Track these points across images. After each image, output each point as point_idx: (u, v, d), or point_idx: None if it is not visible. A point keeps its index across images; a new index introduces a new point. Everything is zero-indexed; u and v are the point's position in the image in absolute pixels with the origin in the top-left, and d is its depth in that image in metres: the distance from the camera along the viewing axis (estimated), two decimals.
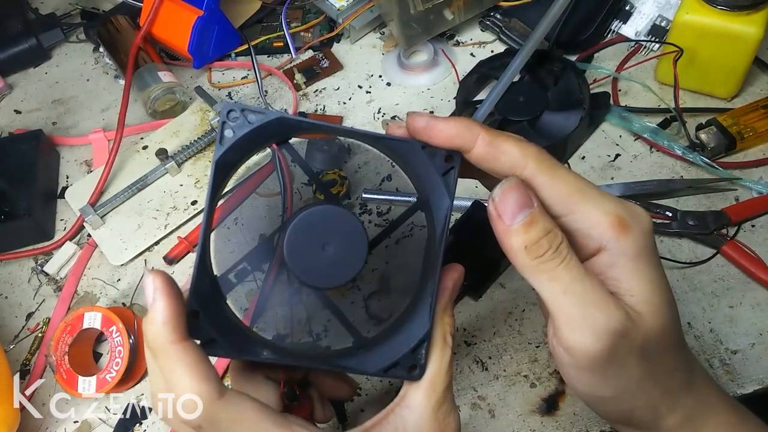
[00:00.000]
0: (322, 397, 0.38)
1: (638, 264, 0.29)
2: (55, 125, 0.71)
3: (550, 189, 0.29)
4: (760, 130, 0.55)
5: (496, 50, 0.68)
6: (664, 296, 0.29)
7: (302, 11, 0.74)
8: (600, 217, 0.29)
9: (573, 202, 0.29)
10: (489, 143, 0.30)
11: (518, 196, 0.29)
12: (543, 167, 0.29)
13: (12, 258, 0.60)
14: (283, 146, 0.32)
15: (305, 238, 0.31)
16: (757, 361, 0.45)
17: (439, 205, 0.33)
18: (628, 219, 0.29)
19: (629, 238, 0.29)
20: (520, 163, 0.30)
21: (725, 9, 0.53)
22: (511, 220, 0.29)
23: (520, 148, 0.30)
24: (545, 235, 0.28)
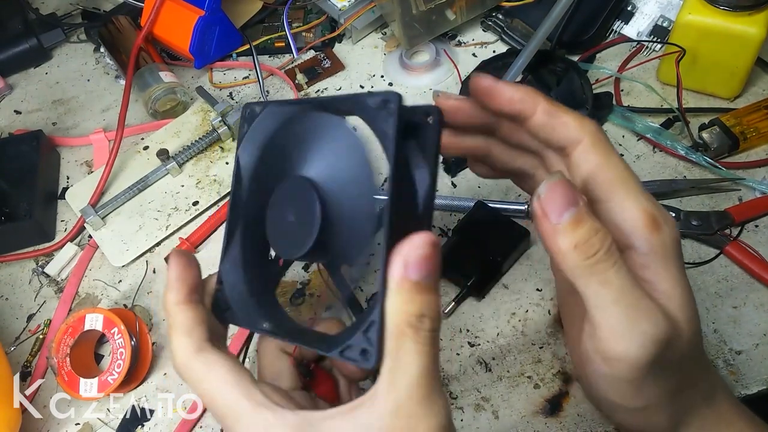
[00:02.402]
0: (350, 378, 0.36)
1: (670, 266, 0.28)
2: (56, 126, 0.71)
3: (598, 170, 0.29)
4: (763, 130, 0.55)
5: (498, 50, 0.68)
6: (693, 301, 0.29)
7: (304, 11, 0.74)
8: (635, 211, 0.28)
9: (614, 190, 0.28)
10: (549, 112, 0.29)
11: (565, 192, 0.27)
12: (598, 147, 0.29)
13: (12, 259, 0.60)
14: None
15: (284, 203, 0.33)
16: (761, 362, 0.45)
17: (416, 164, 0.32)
18: (661, 219, 0.28)
19: (660, 238, 0.28)
20: (576, 137, 0.29)
21: (727, 9, 0.53)
22: (558, 218, 0.27)
23: (580, 122, 0.29)
24: (596, 234, 0.26)
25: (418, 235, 0.27)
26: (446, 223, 0.56)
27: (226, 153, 0.63)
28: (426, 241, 0.27)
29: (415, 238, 0.27)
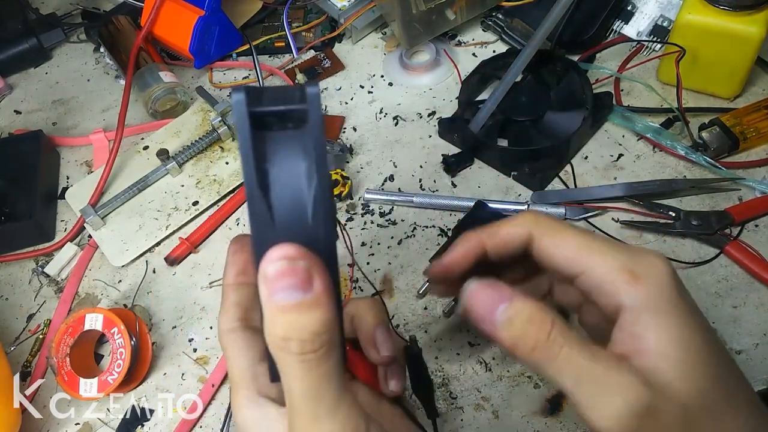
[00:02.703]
0: (379, 364, 0.34)
1: (661, 318, 0.26)
2: (56, 126, 0.71)
3: (556, 251, 0.29)
4: (763, 130, 0.55)
5: (498, 50, 0.68)
6: (699, 353, 0.26)
7: (304, 11, 0.74)
8: (608, 273, 0.27)
9: (581, 261, 0.28)
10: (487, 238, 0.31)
11: (484, 297, 0.27)
12: (543, 230, 0.29)
13: (12, 259, 0.60)
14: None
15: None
16: (761, 362, 0.45)
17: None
18: (639, 270, 0.27)
19: (642, 290, 0.26)
20: (521, 235, 0.30)
21: (727, 9, 0.53)
22: (491, 323, 0.27)
23: (516, 222, 0.30)
24: (530, 325, 0.26)
25: (271, 250, 0.23)
26: (446, 222, 0.56)
27: (226, 153, 0.63)
28: (278, 256, 0.23)
29: (269, 252, 0.23)
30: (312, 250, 0.24)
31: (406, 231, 0.56)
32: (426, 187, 0.59)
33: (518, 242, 0.30)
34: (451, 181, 0.59)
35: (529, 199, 0.56)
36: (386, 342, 0.32)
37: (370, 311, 0.33)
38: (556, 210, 0.54)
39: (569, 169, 0.57)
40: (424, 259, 0.54)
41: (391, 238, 0.56)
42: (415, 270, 0.54)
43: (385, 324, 0.33)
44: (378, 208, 0.58)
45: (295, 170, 0.24)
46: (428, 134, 0.62)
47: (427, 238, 0.55)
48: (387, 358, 0.32)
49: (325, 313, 0.23)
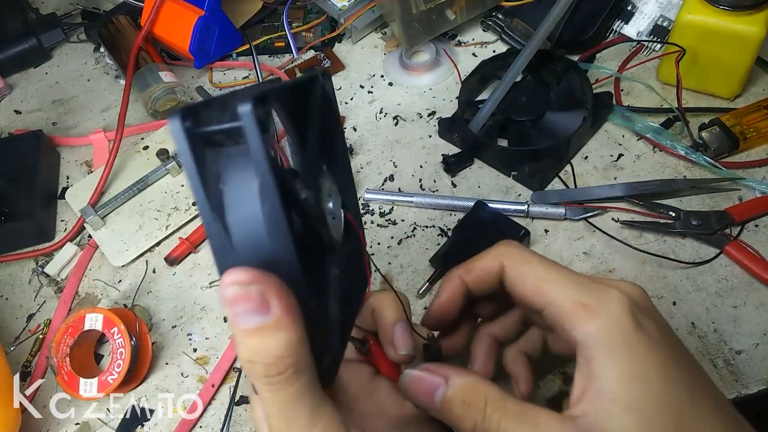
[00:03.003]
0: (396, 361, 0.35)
1: (614, 354, 0.25)
2: (56, 125, 0.71)
3: (521, 283, 0.29)
4: (763, 130, 0.55)
5: (498, 50, 0.68)
6: (654, 393, 0.25)
7: (304, 11, 0.74)
8: (564, 306, 0.27)
9: (543, 295, 0.28)
10: (465, 275, 0.31)
11: (420, 385, 0.28)
12: (511, 262, 0.30)
13: (12, 259, 0.60)
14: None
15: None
16: (761, 362, 0.45)
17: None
18: (593, 303, 0.26)
19: (597, 325, 0.26)
20: (493, 268, 0.30)
21: (727, 9, 0.53)
22: (433, 408, 0.28)
23: (488, 255, 0.31)
24: (466, 408, 0.26)
25: (225, 274, 0.23)
26: (446, 222, 0.56)
27: None
28: (230, 281, 0.22)
29: (223, 277, 0.23)
30: (274, 269, 0.23)
31: (406, 231, 0.56)
32: (426, 187, 0.59)
33: (493, 275, 0.30)
34: (451, 181, 0.59)
35: (529, 199, 0.56)
36: (404, 339, 0.32)
37: (390, 306, 0.32)
38: (556, 210, 0.54)
39: (569, 169, 0.57)
40: (424, 259, 0.54)
41: (391, 238, 0.56)
42: (415, 270, 0.54)
43: (404, 320, 0.32)
44: (378, 208, 0.58)
45: (248, 189, 0.23)
46: (428, 134, 0.62)
47: (427, 238, 0.55)
48: (404, 357, 0.32)
49: (288, 336, 0.23)
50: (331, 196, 0.29)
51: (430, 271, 0.53)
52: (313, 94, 0.29)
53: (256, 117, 0.21)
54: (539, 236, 0.54)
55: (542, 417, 0.25)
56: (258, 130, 0.21)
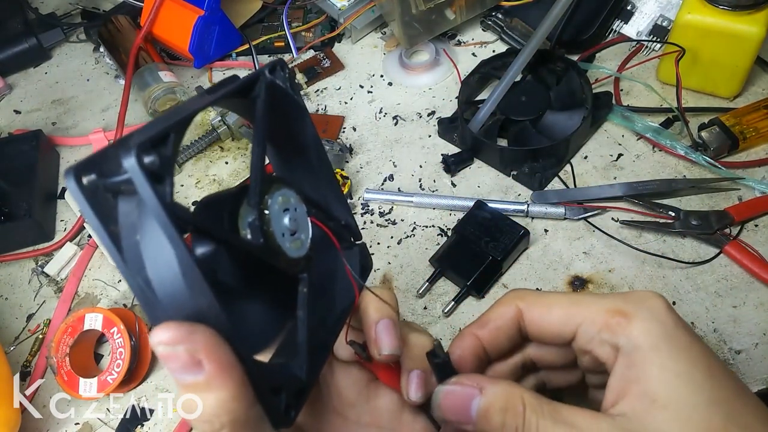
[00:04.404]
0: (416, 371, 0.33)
1: (658, 355, 0.25)
2: (55, 125, 0.71)
3: (547, 317, 0.29)
4: (762, 130, 0.55)
5: (497, 50, 0.67)
6: (702, 390, 0.24)
7: (303, 11, 0.74)
8: (598, 317, 0.26)
9: (573, 318, 0.28)
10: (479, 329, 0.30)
11: (454, 399, 0.27)
12: (529, 301, 0.29)
13: (12, 259, 0.60)
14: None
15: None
16: (761, 361, 0.45)
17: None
18: (629, 308, 0.26)
19: (635, 326, 0.25)
20: (510, 314, 0.30)
21: (727, 9, 0.53)
22: (470, 423, 0.27)
23: (501, 303, 0.30)
24: (506, 414, 0.26)
25: (152, 332, 0.22)
26: (446, 222, 0.56)
27: (225, 152, 0.63)
28: (156, 341, 0.21)
29: (150, 335, 0.22)
30: (203, 319, 0.22)
31: (405, 231, 0.56)
32: (426, 187, 0.59)
33: (509, 323, 0.30)
34: (451, 180, 0.59)
35: (528, 199, 0.56)
36: (387, 339, 0.30)
37: (372, 304, 0.31)
38: (555, 210, 0.54)
39: (569, 168, 0.57)
40: (424, 258, 0.54)
41: (391, 237, 0.56)
42: (415, 270, 0.54)
43: (387, 319, 0.30)
44: (378, 207, 0.58)
45: (160, 239, 0.21)
46: (428, 134, 0.62)
47: (427, 238, 0.55)
48: (387, 357, 0.30)
49: (220, 395, 0.21)
50: (287, 211, 0.26)
51: (430, 271, 0.53)
52: (260, 97, 0.27)
53: (145, 166, 0.20)
54: (539, 236, 0.54)
55: (579, 416, 0.25)
56: (147, 180, 0.20)
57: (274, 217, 0.25)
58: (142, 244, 0.21)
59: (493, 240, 0.51)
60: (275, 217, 0.25)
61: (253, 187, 0.24)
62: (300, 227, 0.27)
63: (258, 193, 0.24)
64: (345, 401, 0.32)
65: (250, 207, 0.24)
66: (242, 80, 0.26)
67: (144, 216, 0.21)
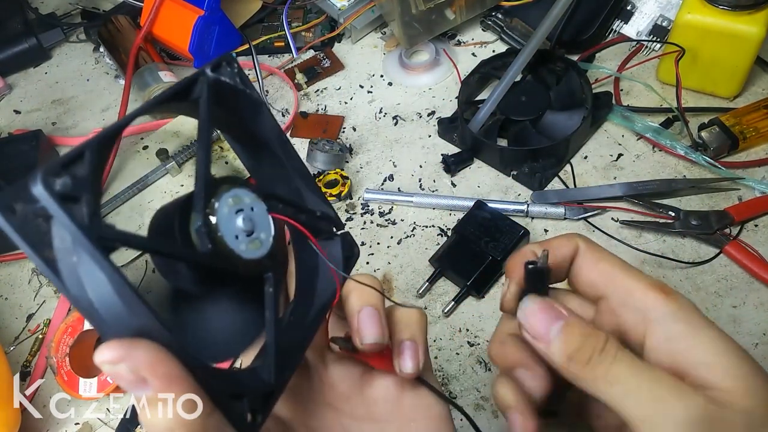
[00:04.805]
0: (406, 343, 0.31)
1: (698, 330, 0.26)
2: (55, 125, 0.71)
3: (596, 268, 0.30)
4: (762, 130, 0.55)
5: (497, 50, 0.67)
6: (750, 365, 0.25)
7: (303, 11, 0.74)
8: (642, 287, 0.28)
9: (617, 279, 0.29)
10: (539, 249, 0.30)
11: (542, 314, 0.28)
12: (588, 248, 0.30)
13: (12, 259, 0.60)
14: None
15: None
16: (761, 362, 0.44)
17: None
18: (669, 288, 0.27)
19: (675, 302, 0.27)
20: (569, 248, 0.30)
21: (727, 9, 0.53)
22: (546, 340, 0.27)
23: (565, 237, 0.31)
24: (585, 338, 0.26)
25: (97, 351, 0.21)
26: (446, 222, 0.56)
27: (225, 153, 0.63)
28: (99, 360, 0.21)
29: (95, 355, 0.21)
30: (146, 335, 0.21)
31: (405, 231, 0.56)
32: (425, 187, 0.59)
33: (566, 255, 0.30)
34: (451, 180, 0.59)
35: (528, 199, 0.56)
36: (369, 328, 0.28)
37: (353, 293, 0.29)
38: (555, 210, 0.54)
39: (569, 168, 0.57)
40: (423, 258, 0.54)
41: (391, 237, 0.56)
42: (415, 270, 0.54)
43: (369, 307, 0.28)
44: (377, 207, 0.58)
45: (89, 260, 0.21)
46: (428, 134, 0.62)
47: (427, 238, 0.55)
48: (370, 346, 0.28)
49: (167, 415, 0.21)
50: (241, 211, 0.25)
51: (430, 271, 0.53)
52: (202, 97, 0.26)
53: (54, 190, 0.19)
54: (539, 236, 0.54)
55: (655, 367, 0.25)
56: (58, 205, 0.19)
57: (223, 220, 0.24)
58: (79, 266, 0.21)
59: (493, 240, 0.51)
60: (224, 220, 0.24)
61: (197, 192, 0.24)
62: (258, 226, 0.26)
63: (203, 198, 0.24)
64: (338, 394, 0.31)
65: (196, 213, 0.24)
66: (178, 83, 0.25)
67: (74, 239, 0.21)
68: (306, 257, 0.29)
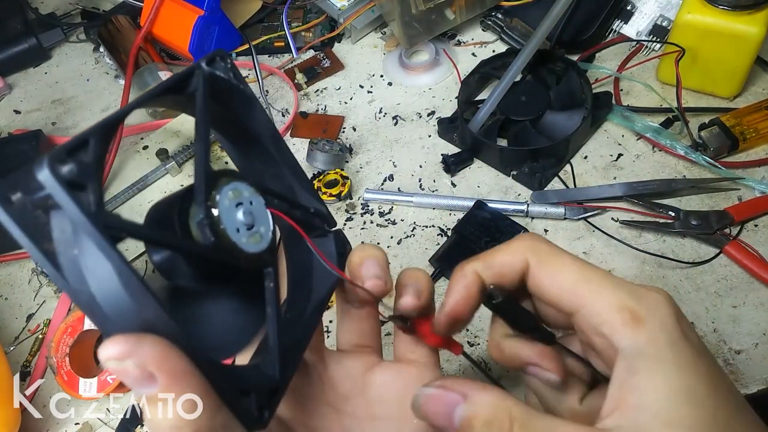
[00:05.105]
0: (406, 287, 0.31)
1: (661, 367, 0.24)
2: (55, 125, 0.71)
3: (552, 282, 0.27)
4: (762, 131, 0.55)
5: (497, 50, 0.67)
6: (704, 408, 0.23)
7: (303, 11, 0.74)
8: (607, 313, 0.25)
9: (578, 296, 0.26)
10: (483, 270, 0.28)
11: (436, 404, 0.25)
12: (539, 258, 0.27)
13: (12, 259, 0.60)
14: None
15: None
16: (760, 362, 0.45)
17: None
18: (642, 310, 0.24)
19: (644, 334, 0.24)
20: (517, 264, 0.27)
21: (727, 9, 0.53)
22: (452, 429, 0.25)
23: (511, 249, 0.28)
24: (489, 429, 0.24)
25: (100, 348, 0.21)
26: (446, 222, 0.56)
27: (225, 152, 0.63)
28: (104, 357, 0.20)
29: (99, 350, 0.21)
30: (152, 330, 0.21)
31: (405, 231, 0.56)
32: (425, 187, 0.59)
33: (515, 272, 0.28)
34: (451, 180, 0.59)
35: (528, 199, 0.56)
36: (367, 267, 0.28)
37: (355, 253, 0.29)
38: (555, 210, 0.54)
39: (569, 168, 0.57)
40: (423, 258, 0.54)
41: (391, 237, 0.56)
42: None
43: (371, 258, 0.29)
44: (377, 207, 0.58)
45: (95, 251, 0.20)
46: (428, 134, 0.62)
47: (427, 238, 0.55)
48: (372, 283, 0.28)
49: (175, 412, 0.21)
50: (241, 205, 0.25)
51: (430, 271, 0.53)
52: (198, 90, 0.25)
53: (61, 176, 0.19)
54: None
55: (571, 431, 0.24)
56: (65, 191, 0.19)
57: (225, 213, 0.24)
58: (81, 258, 0.20)
59: (493, 240, 0.51)
60: (226, 213, 0.24)
61: (198, 185, 0.23)
62: (257, 220, 0.25)
63: (204, 190, 0.23)
64: (339, 394, 0.31)
65: (197, 205, 0.23)
66: (175, 75, 0.25)
67: (77, 229, 0.20)
68: (299, 255, 0.29)
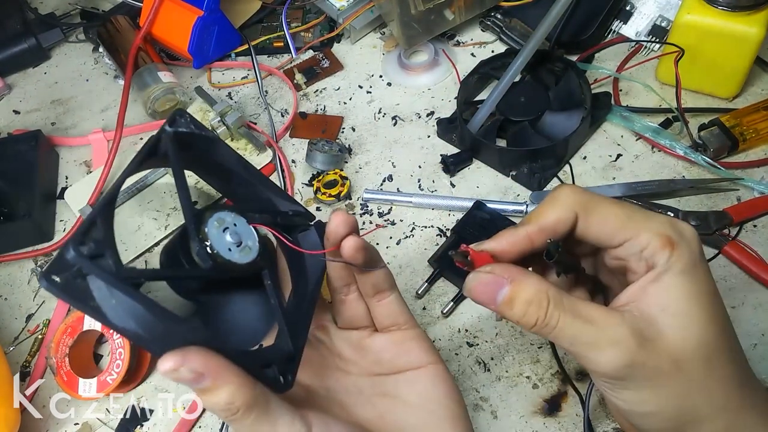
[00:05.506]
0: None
1: (682, 279, 0.29)
2: (55, 125, 0.71)
3: (601, 226, 0.31)
4: (762, 132, 0.55)
5: (496, 50, 0.67)
6: (706, 310, 0.29)
7: (302, 11, 0.74)
8: (650, 239, 0.30)
9: (625, 232, 0.31)
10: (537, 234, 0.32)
11: (483, 287, 0.31)
12: (588, 209, 0.31)
13: (11, 259, 0.60)
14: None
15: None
16: (759, 362, 0.45)
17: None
18: (675, 236, 0.30)
19: (676, 255, 0.29)
20: (569, 220, 0.31)
21: (726, 9, 0.53)
22: (495, 307, 0.30)
23: (559, 206, 0.31)
24: (528, 306, 0.29)
25: (159, 363, 0.27)
26: (445, 223, 0.56)
27: None
28: (164, 371, 0.27)
29: (158, 366, 0.27)
30: (189, 342, 0.27)
31: (404, 231, 0.56)
32: (425, 188, 0.59)
33: (567, 228, 0.31)
34: (450, 181, 0.59)
35: (527, 200, 0.56)
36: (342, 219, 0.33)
37: (330, 222, 0.34)
38: None
39: (568, 169, 0.57)
40: (422, 259, 0.54)
41: (390, 238, 0.56)
42: (414, 270, 0.54)
43: (342, 223, 0.34)
44: (377, 208, 0.58)
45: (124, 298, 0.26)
46: (427, 134, 0.62)
47: (426, 238, 0.55)
48: (349, 247, 0.33)
49: (227, 389, 0.28)
50: (227, 229, 0.31)
51: (429, 272, 0.53)
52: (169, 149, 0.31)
53: (84, 254, 0.26)
54: None
55: (594, 311, 0.29)
56: (90, 263, 0.25)
57: (215, 240, 0.31)
58: (118, 306, 0.26)
59: None
60: (216, 239, 0.31)
61: (189, 225, 0.30)
62: (244, 237, 0.32)
63: (194, 228, 0.30)
64: (344, 359, 0.37)
65: (192, 241, 0.30)
66: (145, 145, 0.31)
67: (108, 286, 0.26)
68: (292, 251, 0.36)
